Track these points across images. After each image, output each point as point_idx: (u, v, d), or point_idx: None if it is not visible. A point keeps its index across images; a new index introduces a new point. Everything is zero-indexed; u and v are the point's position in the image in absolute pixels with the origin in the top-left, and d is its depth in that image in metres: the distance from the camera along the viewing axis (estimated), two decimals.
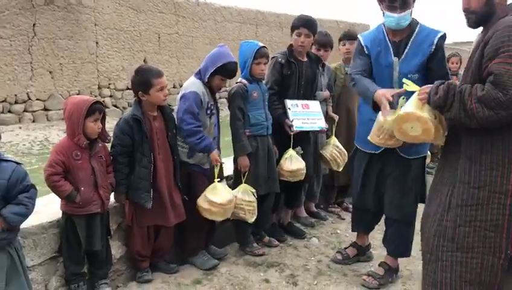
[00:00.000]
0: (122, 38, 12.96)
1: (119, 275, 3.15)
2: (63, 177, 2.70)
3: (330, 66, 4.43)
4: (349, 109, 4.38)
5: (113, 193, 3.00)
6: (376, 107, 2.85)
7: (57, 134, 10.72)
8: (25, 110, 11.21)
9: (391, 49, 2.99)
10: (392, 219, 3.13)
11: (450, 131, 2.29)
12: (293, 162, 3.61)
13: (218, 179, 3.23)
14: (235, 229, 3.67)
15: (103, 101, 12.42)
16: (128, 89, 13.18)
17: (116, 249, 3.10)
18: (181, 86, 3.35)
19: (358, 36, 3.21)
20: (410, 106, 2.32)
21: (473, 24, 2.21)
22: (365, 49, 3.09)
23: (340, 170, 4.11)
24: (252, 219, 3.44)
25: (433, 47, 2.89)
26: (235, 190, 3.42)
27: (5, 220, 2.29)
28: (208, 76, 3.24)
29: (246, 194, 3.40)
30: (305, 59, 3.79)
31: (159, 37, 13.95)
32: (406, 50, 2.94)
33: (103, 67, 12.58)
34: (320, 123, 3.78)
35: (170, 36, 14.24)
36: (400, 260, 3.28)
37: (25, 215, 2.38)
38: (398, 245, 3.19)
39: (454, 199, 2.14)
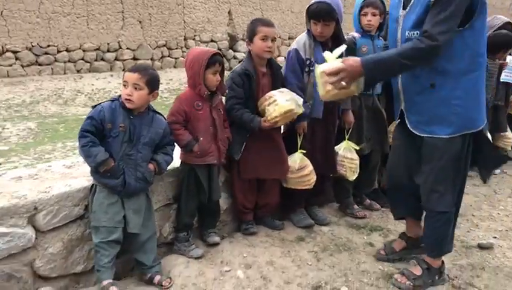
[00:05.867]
0: None
1: (224, 225, 3.22)
2: (183, 127, 2.75)
3: None
4: None
5: None
6: None
7: None
8: (116, 59, 11.64)
9: (403, 1, 2.45)
10: (426, 210, 2.57)
11: None
12: None
13: (303, 151, 3.12)
14: (334, 189, 3.61)
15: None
16: (212, 41, 13.25)
17: (223, 201, 3.15)
18: None
19: None
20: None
21: None
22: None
23: None
24: (352, 176, 3.38)
25: None
26: (337, 146, 3.38)
27: (159, 165, 2.54)
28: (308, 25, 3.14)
29: (348, 151, 3.36)
30: None
31: None
32: (412, 0, 2.37)
33: (189, 19, 12.68)
34: None
35: None
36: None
37: (169, 165, 2.64)
38: (433, 241, 2.60)
39: None
